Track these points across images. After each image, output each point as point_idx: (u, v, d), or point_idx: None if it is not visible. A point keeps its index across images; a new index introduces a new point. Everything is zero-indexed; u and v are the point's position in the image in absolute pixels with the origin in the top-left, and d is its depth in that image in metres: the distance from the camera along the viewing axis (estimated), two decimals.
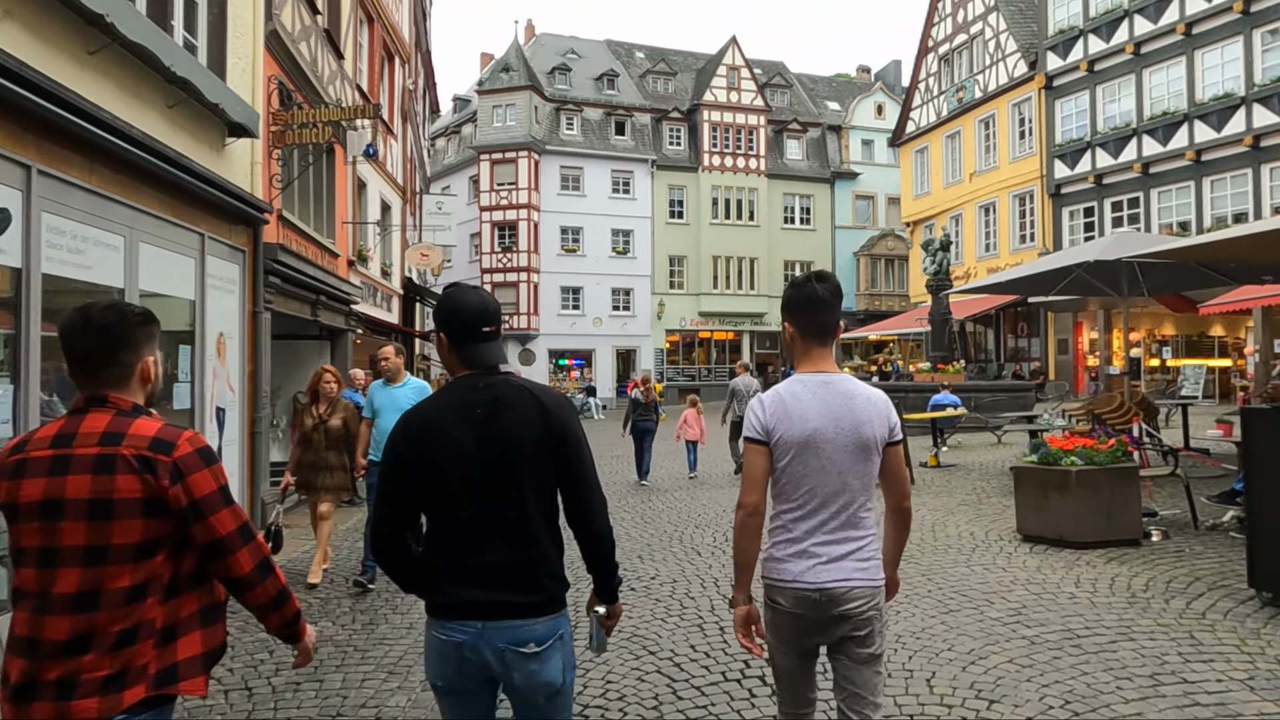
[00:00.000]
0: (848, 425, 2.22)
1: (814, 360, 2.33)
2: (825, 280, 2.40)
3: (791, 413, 2.22)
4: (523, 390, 2.09)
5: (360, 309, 12.66)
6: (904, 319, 32.63)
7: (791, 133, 39.22)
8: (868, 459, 2.25)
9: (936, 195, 29.97)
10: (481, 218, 34.60)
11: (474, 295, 2.13)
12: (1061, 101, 24.07)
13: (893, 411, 2.33)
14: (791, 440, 2.21)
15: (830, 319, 2.37)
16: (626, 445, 13.39)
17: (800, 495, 2.24)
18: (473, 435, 2.00)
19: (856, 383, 2.34)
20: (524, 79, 34.28)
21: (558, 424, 2.06)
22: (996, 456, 12.27)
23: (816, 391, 2.25)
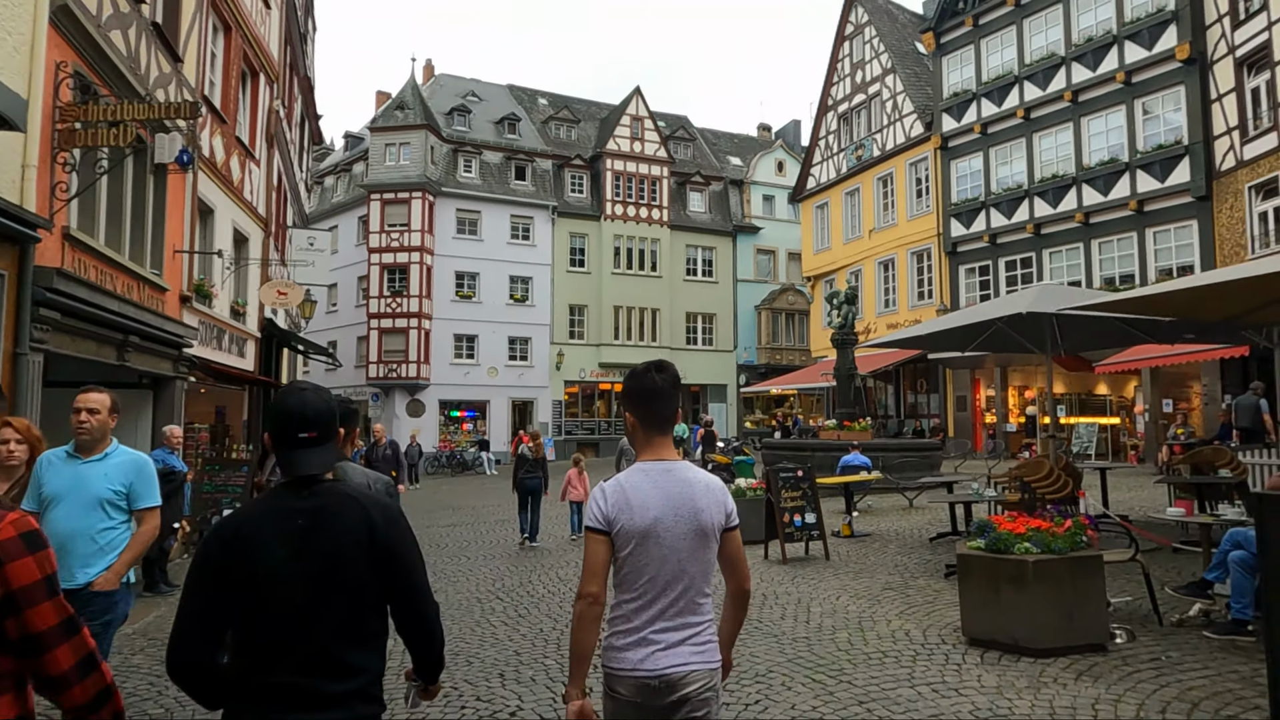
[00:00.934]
0: (687, 513, 2.26)
1: (655, 449, 2.35)
2: (664, 370, 2.41)
3: (633, 502, 2.25)
4: (350, 500, 1.96)
5: (198, 353, 10.82)
6: (805, 374, 32.40)
7: (694, 185, 39.10)
8: (706, 546, 2.29)
9: (837, 250, 30.06)
10: (370, 259, 32.61)
11: (295, 397, 2.01)
12: (957, 162, 24.48)
13: (729, 498, 2.38)
14: (633, 530, 2.24)
15: (669, 408, 2.39)
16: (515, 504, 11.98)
17: (641, 584, 2.25)
18: (290, 548, 1.87)
19: (696, 470, 2.37)
20: (420, 118, 32.86)
21: (385, 537, 1.94)
22: (911, 524, 11.41)
23: (658, 480, 2.28)
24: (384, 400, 32.73)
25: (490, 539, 12.55)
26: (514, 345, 34.55)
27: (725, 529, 2.33)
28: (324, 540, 1.88)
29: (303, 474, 1.92)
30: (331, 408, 2.03)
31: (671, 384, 2.39)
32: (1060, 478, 8.06)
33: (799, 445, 16.55)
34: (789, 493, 8.98)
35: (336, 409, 2.08)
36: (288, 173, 17.29)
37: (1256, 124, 17.34)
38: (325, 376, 36.50)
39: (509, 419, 34.19)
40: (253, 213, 13.64)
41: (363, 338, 33.37)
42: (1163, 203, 19.35)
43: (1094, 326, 8.77)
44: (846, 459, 12.73)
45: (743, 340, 39.13)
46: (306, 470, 1.92)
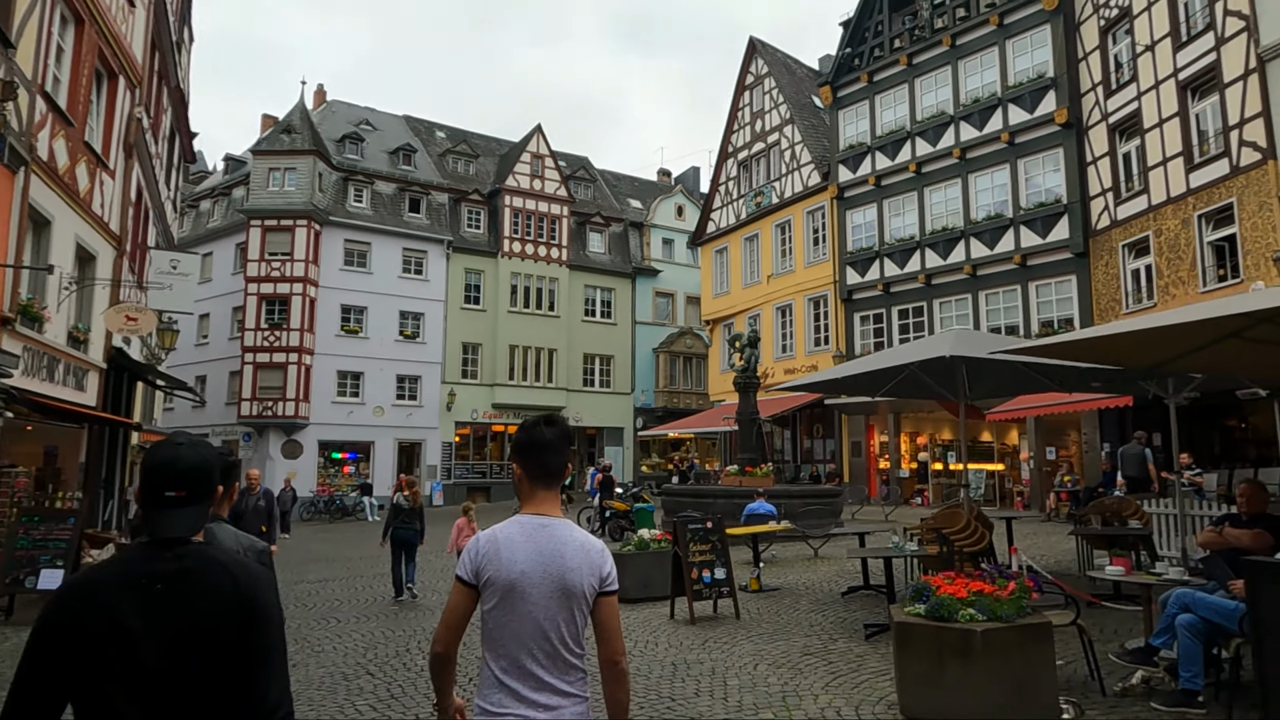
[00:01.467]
0: (555, 571, 2.18)
1: (538, 503, 2.31)
2: (555, 424, 2.37)
3: (502, 554, 2.19)
4: (214, 564, 1.77)
5: (20, 384, 9.28)
6: (703, 417, 32.20)
7: (594, 226, 38.80)
8: (574, 607, 2.19)
9: (736, 295, 30.19)
10: (248, 289, 30.46)
11: (166, 451, 1.82)
12: (852, 212, 25.03)
13: (608, 562, 2.28)
14: (498, 583, 2.18)
15: (557, 462, 2.34)
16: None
17: (506, 642, 2.17)
18: (145, 615, 1.66)
19: (575, 529, 2.28)
20: (308, 142, 31.26)
21: (250, 603, 1.75)
22: (819, 575, 10.94)
23: (532, 535, 2.22)
24: (257, 441, 30.37)
25: (366, 595, 11.32)
26: (402, 384, 32.90)
27: (600, 593, 2.23)
28: (183, 608, 1.70)
29: (166, 536, 1.75)
30: (208, 465, 1.84)
31: (560, 437, 2.35)
32: (976, 529, 7.74)
33: (700, 491, 16.00)
34: (698, 546, 8.32)
35: (215, 466, 1.88)
36: (151, 189, 15.71)
37: (1128, 186, 18.36)
38: (191, 415, 33.70)
39: (395, 461, 32.35)
40: (103, 228, 12.12)
41: (236, 373, 31.00)
42: (1044, 258, 20.21)
43: (1004, 373, 8.61)
44: (752, 507, 12.23)
45: (640, 383, 38.74)
46: (170, 532, 1.76)
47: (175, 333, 16.49)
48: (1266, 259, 14.39)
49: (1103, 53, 19.05)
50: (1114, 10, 18.65)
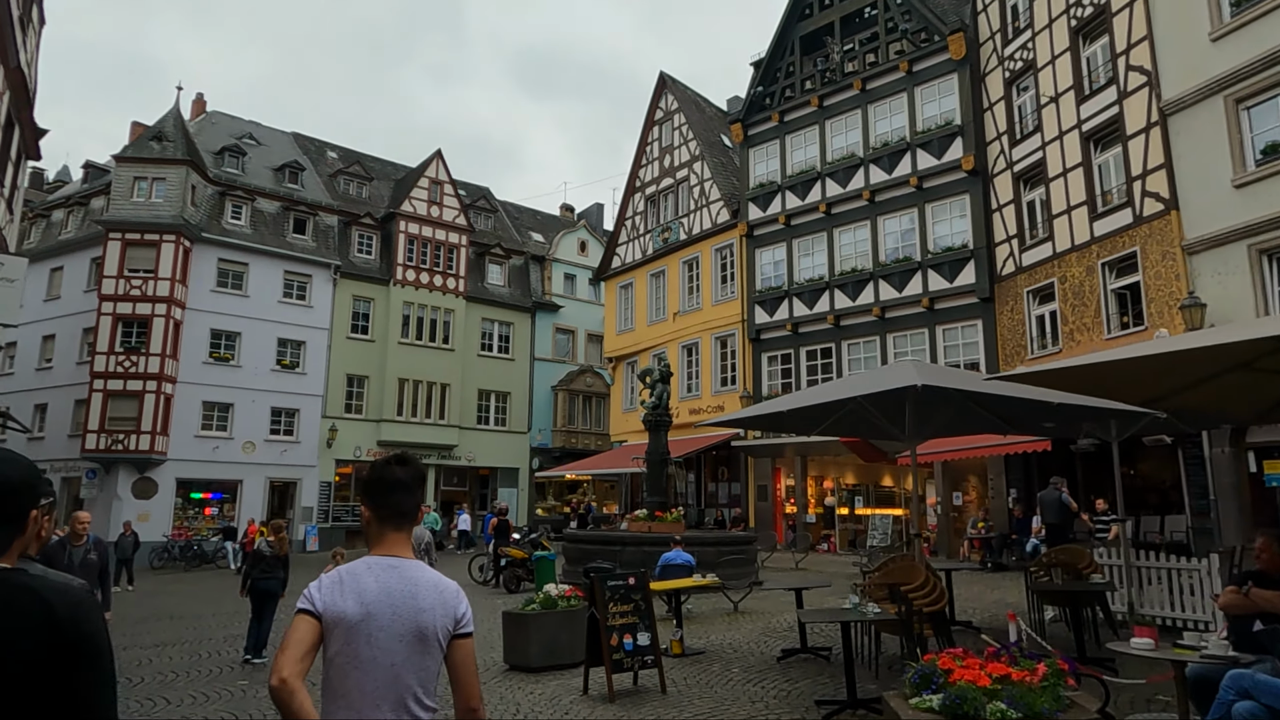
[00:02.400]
0: (406, 612, 2.07)
1: (388, 545, 2.19)
2: (407, 464, 2.28)
3: (347, 592, 2.07)
4: (25, 591, 1.57)
5: None
6: (605, 458, 30.97)
7: (494, 257, 37.35)
8: (427, 652, 2.08)
9: (640, 332, 29.32)
10: (101, 308, 27.33)
11: None
12: (761, 250, 24.70)
13: (463, 602, 2.17)
14: (342, 622, 2.03)
15: (409, 502, 2.24)
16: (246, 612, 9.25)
17: (348, 689, 2.00)
18: None
19: (427, 570, 2.18)
20: (181, 151, 28.65)
21: (69, 632, 1.53)
22: (746, 634, 9.83)
23: (380, 575, 2.11)
24: (103, 478, 27.02)
25: (210, 663, 9.43)
26: (278, 417, 30.19)
27: (455, 635, 2.13)
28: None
29: None
30: (8, 481, 1.63)
31: (413, 478, 2.26)
32: (935, 586, 6.84)
33: (607, 538, 14.71)
34: (618, 606, 7.07)
35: (20, 483, 1.65)
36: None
37: (1033, 234, 18.60)
38: (26, 448, 29.78)
39: (265, 502, 29.48)
40: None
41: (82, 401, 27.62)
42: (951, 301, 20.25)
43: (956, 412, 7.84)
44: (668, 557, 11.06)
45: (538, 421, 37.18)
46: None
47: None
48: (1170, 306, 14.57)
49: (1008, 103, 19.43)
50: (1018, 63, 19.08)
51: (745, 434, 24.14)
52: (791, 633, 9.62)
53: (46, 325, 30.73)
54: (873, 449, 21.20)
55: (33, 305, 31.61)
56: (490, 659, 8.62)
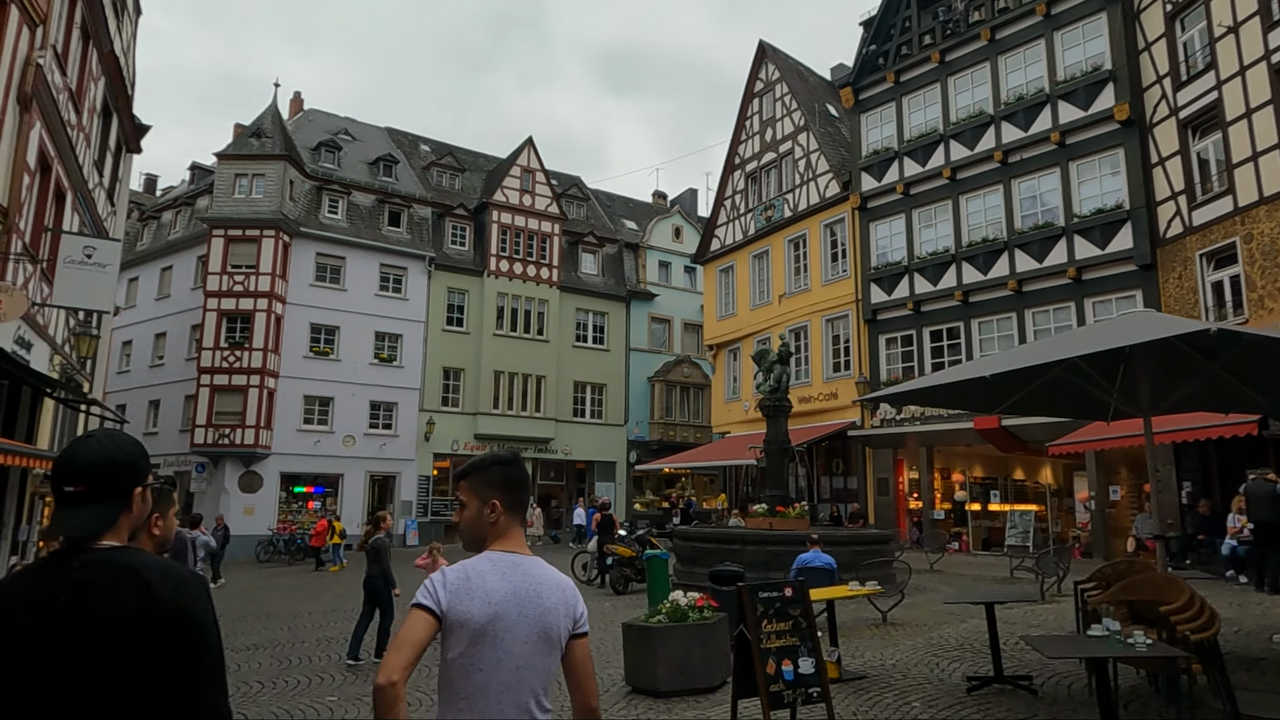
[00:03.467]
0: (532, 612, 2.02)
1: (510, 540, 2.17)
2: (520, 462, 2.35)
3: (475, 592, 1.99)
4: (128, 573, 1.56)
5: None
6: (704, 451, 29.57)
7: (587, 246, 36.38)
8: (549, 653, 2.03)
9: (743, 317, 27.73)
10: (207, 304, 27.68)
11: (71, 445, 1.69)
12: (877, 224, 22.74)
13: (580, 600, 2.14)
14: (469, 623, 1.96)
15: (528, 498, 2.42)
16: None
17: (470, 692, 1.96)
18: (47, 632, 1.49)
19: (548, 567, 2.15)
20: (279, 147, 28.75)
21: (171, 612, 1.53)
22: (909, 653, 8.24)
23: (506, 573, 2.06)
24: (211, 472, 27.35)
25: (300, 669, 8.53)
26: (377, 411, 30.03)
27: (573, 635, 2.09)
28: (90, 624, 1.50)
29: (72, 533, 1.59)
30: (112, 459, 1.65)
31: (527, 475, 2.37)
32: (1203, 608, 5.13)
33: (725, 536, 13.26)
34: (774, 625, 5.64)
35: (127, 462, 1.67)
36: (70, 165, 13.07)
37: (1206, 188, 16.13)
38: (143, 442, 30.58)
39: (365, 497, 29.36)
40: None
41: (191, 397, 28.05)
42: (1103, 270, 17.89)
43: (1207, 379, 6.03)
44: (805, 558, 9.55)
45: (634, 414, 36.02)
46: (66, 530, 1.60)
47: (93, 338, 13.72)
48: None
49: (1170, 40, 16.96)
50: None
51: (863, 423, 22.30)
52: (965, 652, 7.99)
53: (158, 323, 31.53)
54: (1012, 439, 19.08)
55: (145, 304, 32.56)
56: (609, 677, 7.36)
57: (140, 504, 1.72)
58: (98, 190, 15.89)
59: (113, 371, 33.02)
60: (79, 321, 14.50)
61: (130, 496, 1.69)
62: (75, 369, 14.01)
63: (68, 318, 14.37)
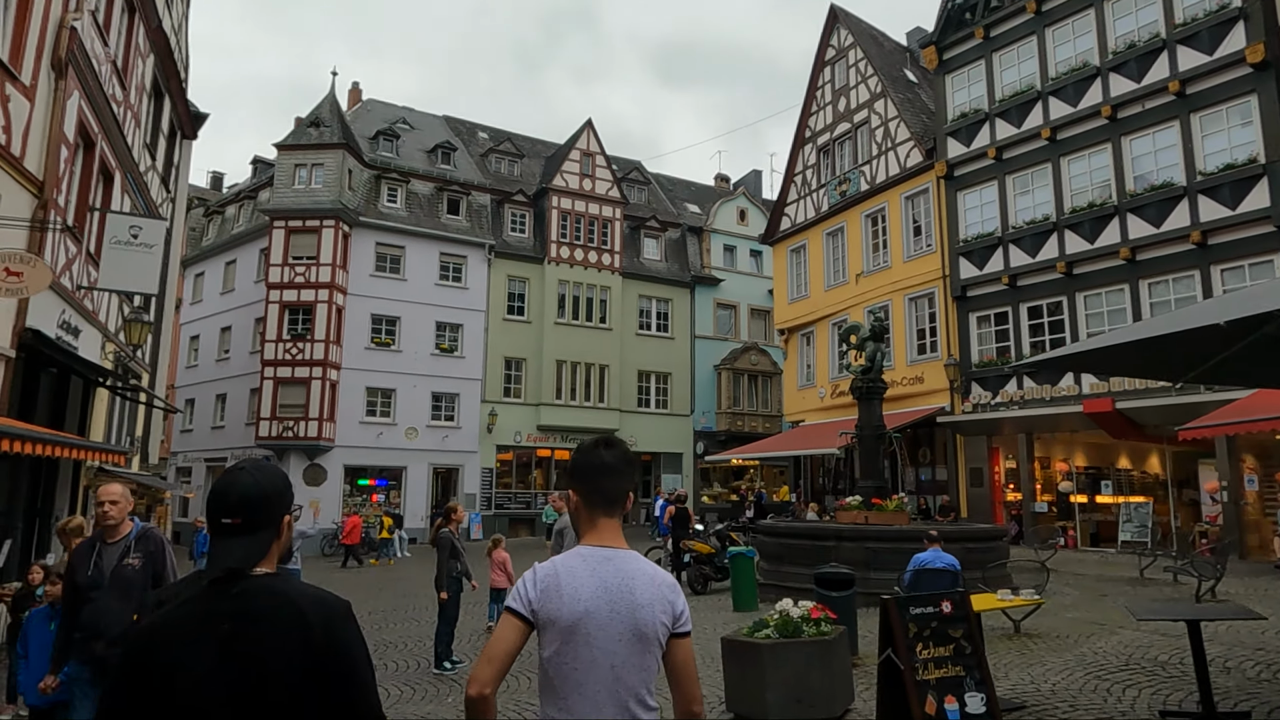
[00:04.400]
0: (624, 609, 1.94)
1: (600, 533, 2.07)
2: (614, 446, 2.17)
3: (564, 589, 1.95)
4: (285, 602, 1.64)
5: None
6: (777, 441, 28.18)
7: (649, 231, 35.22)
8: (646, 651, 1.95)
9: (816, 299, 26.21)
10: (269, 297, 27.44)
11: (225, 477, 1.79)
12: (965, 193, 21.00)
13: (680, 597, 2.03)
14: (559, 622, 1.92)
15: (618, 487, 2.10)
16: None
17: (567, 692, 1.91)
18: (211, 660, 1.56)
19: (642, 561, 2.05)
20: (337, 136, 28.33)
21: (323, 643, 1.60)
22: (1057, 671, 6.86)
23: (596, 568, 1.98)
24: (276, 465, 27.08)
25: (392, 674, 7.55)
26: (439, 402, 29.48)
27: (673, 633, 1.99)
28: (250, 652, 1.57)
29: (227, 565, 1.65)
30: (263, 491, 1.75)
31: (621, 460, 2.13)
32: None
33: (817, 531, 11.96)
34: (933, 649, 4.40)
35: (276, 493, 1.77)
36: (116, 144, 12.48)
37: None
38: (210, 437, 30.73)
39: (429, 490, 28.84)
40: (9, 161, 8.79)
41: (255, 390, 27.89)
42: (1234, 233, 15.94)
43: None
44: (924, 559, 8.22)
45: (700, 403, 34.78)
46: (224, 562, 1.66)
47: (144, 325, 13.13)
48: None
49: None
50: None
51: (953, 408, 20.66)
52: (1135, 674, 6.59)
53: (224, 317, 31.57)
54: (1127, 423, 17.26)
55: (211, 299, 32.68)
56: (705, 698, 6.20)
57: (287, 531, 1.82)
58: (150, 174, 15.39)
59: (181, 366, 33.33)
60: (133, 308, 13.97)
61: (280, 525, 1.78)
62: (128, 357, 13.46)
63: (120, 304, 13.86)
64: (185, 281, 34.40)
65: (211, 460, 30.29)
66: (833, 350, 25.29)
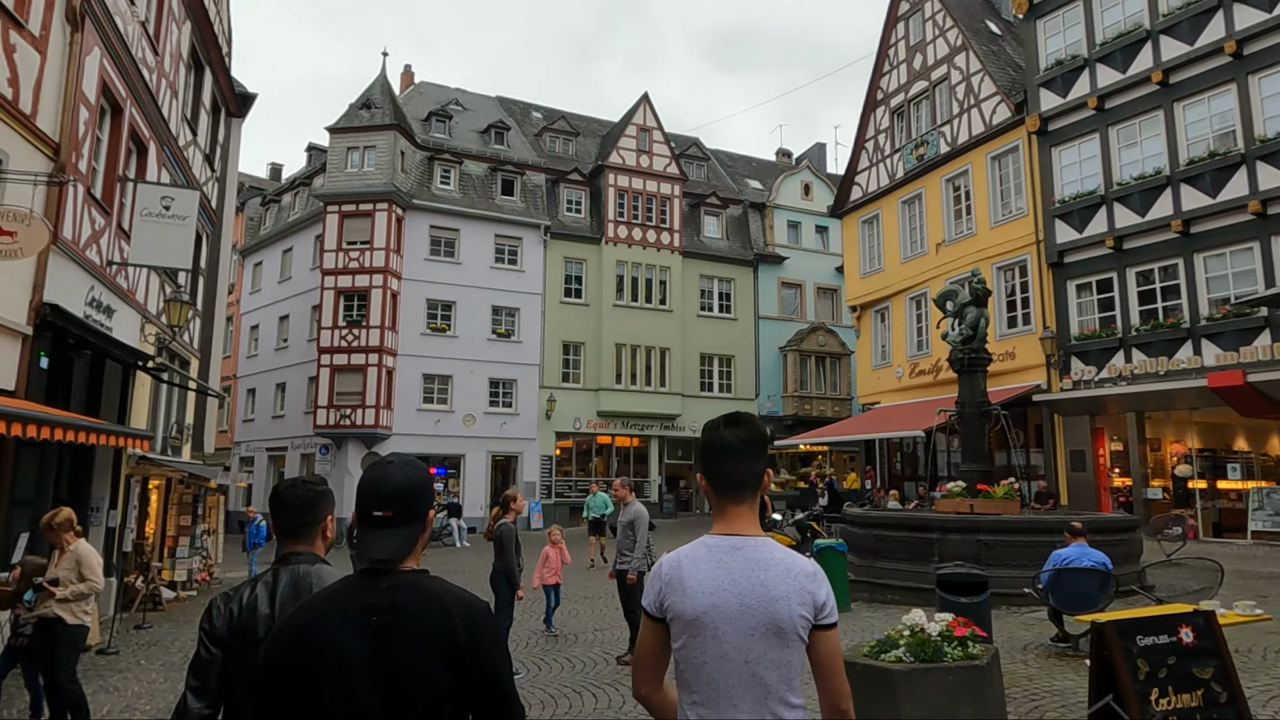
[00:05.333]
0: (756, 601, 1.81)
1: (728, 520, 1.93)
2: (740, 424, 1.98)
3: (686, 582, 1.85)
4: (432, 598, 1.69)
5: None
6: (849, 425, 26.63)
7: (710, 208, 33.80)
8: (784, 645, 1.80)
9: (891, 272, 24.51)
10: (324, 283, 26.99)
11: (374, 470, 1.81)
12: (1061, 149, 19.10)
13: (823, 586, 1.85)
14: (683, 617, 1.84)
15: (745, 470, 1.92)
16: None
17: (699, 686, 1.82)
18: (364, 650, 1.61)
19: (777, 548, 1.89)
20: (389, 117, 27.67)
21: (469, 645, 1.64)
22: None
23: (722, 559, 1.87)
24: (335, 454, 26.72)
25: None
26: (496, 389, 28.71)
27: (815, 625, 1.83)
28: (399, 646, 1.62)
29: (374, 558, 1.71)
30: (413, 484, 1.79)
31: (747, 440, 1.94)
32: None
33: (916, 522, 10.56)
34: (1174, 697, 3.06)
35: (422, 486, 1.81)
36: (146, 111, 11.73)
37: None
38: (271, 426, 30.55)
39: (487, 478, 28.13)
40: (11, 115, 7.99)
41: (313, 378, 27.53)
42: None
43: None
44: (1066, 554, 6.82)
45: (765, 387, 33.32)
46: (374, 554, 1.71)
47: (186, 305, 12.41)
48: None
49: None
50: None
51: (1050, 385, 18.87)
52: None
53: (281, 306, 31.35)
54: (1260, 399, 15.32)
55: (269, 288, 32.51)
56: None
57: (429, 526, 1.82)
58: (192, 150, 14.71)
59: (242, 356, 33.31)
60: (175, 287, 13.30)
61: (426, 520, 1.80)
62: (168, 339, 12.78)
63: (162, 284, 13.20)
64: (245, 271, 34.40)
65: (273, 450, 30.13)
66: (910, 327, 23.62)
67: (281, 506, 2.29)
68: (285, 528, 2.28)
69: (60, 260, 8.96)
